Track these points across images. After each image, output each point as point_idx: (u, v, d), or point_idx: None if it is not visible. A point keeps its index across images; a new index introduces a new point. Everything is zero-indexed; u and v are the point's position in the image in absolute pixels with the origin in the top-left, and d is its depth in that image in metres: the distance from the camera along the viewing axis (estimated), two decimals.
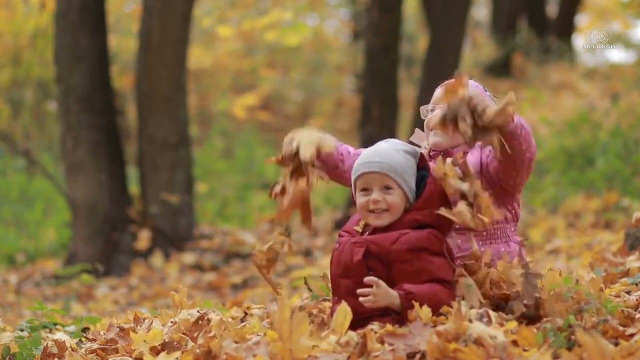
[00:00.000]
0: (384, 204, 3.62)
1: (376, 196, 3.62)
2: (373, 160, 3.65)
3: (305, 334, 3.29)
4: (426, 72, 10.21)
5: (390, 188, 3.62)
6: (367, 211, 3.65)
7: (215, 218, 11.72)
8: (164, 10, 9.31)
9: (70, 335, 4.66)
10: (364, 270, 3.58)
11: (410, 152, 3.72)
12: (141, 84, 9.57)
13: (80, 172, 9.48)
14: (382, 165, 3.63)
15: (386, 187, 3.63)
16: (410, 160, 3.70)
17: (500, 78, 18.44)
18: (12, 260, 10.93)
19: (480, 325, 3.30)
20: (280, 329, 3.27)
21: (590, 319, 3.44)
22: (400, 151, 3.69)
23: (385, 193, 3.62)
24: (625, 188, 9.04)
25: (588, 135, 10.66)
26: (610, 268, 4.77)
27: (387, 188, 3.63)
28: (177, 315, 4.26)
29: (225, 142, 15.57)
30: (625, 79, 14.82)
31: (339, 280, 3.67)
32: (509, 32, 18.62)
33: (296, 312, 3.31)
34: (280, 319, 3.28)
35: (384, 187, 3.63)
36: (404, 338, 3.35)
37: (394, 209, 3.61)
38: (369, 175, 3.65)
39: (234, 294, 8.37)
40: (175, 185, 9.52)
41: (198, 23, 15.73)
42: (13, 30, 14.01)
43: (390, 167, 3.63)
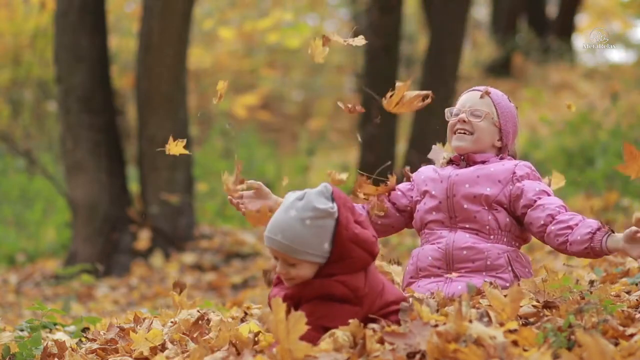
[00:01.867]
0: (289, 276, 3.52)
1: (280, 269, 3.53)
2: (274, 237, 3.49)
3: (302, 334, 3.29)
4: (426, 72, 10.21)
5: (294, 264, 3.51)
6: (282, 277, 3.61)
7: (215, 218, 11.72)
8: (164, 10, 9.31)
9: (70, 335, 4.66)
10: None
11: (322, 216, 3.47)
12: (141, 84, 9.57)
13: (80, 172, 9.49)
14: (281, 246, 3.48)
15: (289, 263, 3.52)
16: (319, 226, 3.48)
17: (500, 78, 18.45)
18: (12, 260, 10.94)
19: (480, 325, 3.30)
20: (277, 330, 3.27)
21: (590, 319, 3.44)
22: (307, 221, 3.47)
23: (289, 267, 3.51)
24: (625, 188, 9.05)
25: (588, 135, 10.67)
26: (610, 268, 4.77)
27: (290, 264, 3.51)
28: (177, 315, 4.26)
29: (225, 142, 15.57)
30: (625, 79, 14.84)
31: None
32: (509, 32, 18.63)
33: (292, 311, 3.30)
34: (276, 320, 3.27)
35: (287, 263, 3.52)
36: (404, 337, 3.35)
37: (300, 278, 3.52)
38: (272, 249, 3.53)
39: (234, 294, 8.37)
40: (175, 185, 9.52)
41: (198, 23, 15.74)
42: (13, 30, 14.01)
43: (290, 247, 3.47)
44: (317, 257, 3.49)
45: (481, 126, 4.22)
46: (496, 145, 4.26)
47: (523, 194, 4.10)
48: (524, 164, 4.21)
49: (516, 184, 4.13)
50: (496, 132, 4.24)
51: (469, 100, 4.28)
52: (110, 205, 9.48)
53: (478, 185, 4.13)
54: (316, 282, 3.50)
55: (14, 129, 13.22)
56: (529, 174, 4.17)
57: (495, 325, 3.42)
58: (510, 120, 4.27)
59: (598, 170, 9.61)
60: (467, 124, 4.22)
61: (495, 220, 4.10)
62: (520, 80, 18.20)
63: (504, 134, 4.25)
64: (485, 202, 4.10)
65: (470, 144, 4.22)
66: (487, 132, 4.23)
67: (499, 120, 4.24)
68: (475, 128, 4.22)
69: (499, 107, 4.25)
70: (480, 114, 4.22)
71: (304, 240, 3.46)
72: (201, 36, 17.58)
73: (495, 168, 4.17)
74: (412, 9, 19.29)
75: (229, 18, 18.00)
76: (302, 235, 3.46)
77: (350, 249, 3.50)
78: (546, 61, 18.51)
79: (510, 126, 4.27)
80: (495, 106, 4.25)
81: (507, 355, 3.15)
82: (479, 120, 4.22)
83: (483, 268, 4.06)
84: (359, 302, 3.51)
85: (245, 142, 15.17)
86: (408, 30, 18.66)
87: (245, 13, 18.08)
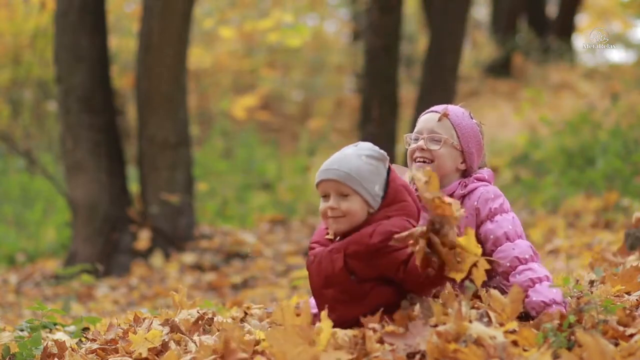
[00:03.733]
0: (339, 211, 3.63)
1: (332, 203, 3.64)
2: (330, 168, 3.66)
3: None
4: (426, 72, 10.21)
5: (347, 195, 3.62)
6: (325, 217, 3.68)
7: (215, 218, 11.72)
8: (164, 10, 9.30)
9: (70, 335, 4.66)
10: (347, 276, 3.59)
11: (376, 157, 3.69)
12: (141, 84, 9.57)
13: (80, 172, 9.49)
14: (337, 173, 3.63)
15: (342, 194, 3.63)
16: (373, 165, 3.67)
17: (500, 78, 18.46)
18: (12, 260, 10.94)
19: (480, 325, 3.30)
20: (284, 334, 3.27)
21: (590, 319, 3.44)
22: (363, 157, 3.66)
23: (342, 200, 3.63)
24: (625, 188, 9.04)
25: (588, 135, 10.66)
26: (610, 268, 4.77)
27: (343, 195, 3.63)
28: (177, 315, 4.26)
29: (225, 142, 15.57)
30: (625, 79, 14.83)
31: (322, 291, 3.67)
32: (509, 32, 18.63)
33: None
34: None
35: (340, 194, 3.63)
36: (404, 338, 3.35)
37: (350, 215, 3.61)
38: (326, 183, 3.67)
39: (234, 294, 8.37)
40: (175, 185, 9.52)
41: (198, 23, 15.74)
42: (13, 30, 14.01)
43: (345, 175, 3.62)
44: (369, 195, 3.62)
45: (441, 153, 4.01)
46: (460, 168, 4.06)
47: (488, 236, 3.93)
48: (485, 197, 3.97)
49: (482, 225, 3.95)
50: (458, 155, 4.04)
51: (427, 124, 4.06)
52: (110, 205, 9.48)
53: None
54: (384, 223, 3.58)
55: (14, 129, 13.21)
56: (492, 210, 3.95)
57: (495, 325, 3.42)
58: (472, 140, 4.06)
59: (598, 170, 9.61)
60: (426, 152, 4.02)
61: None
62: (520, 80, 18.21)
63: (467, 156, 4.05)
64: None
65: None
66: (448, 157, 4.02)
67: (460, 142, 4.04)
68: (435, 155, 4.01)
69: (459, 129, 4.04)
70: (438, 139, 4.02)
71: (360, 172, 3.62)
72: (201, 36, 17.58)
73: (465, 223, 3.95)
74: (412, 9, 19.29)
75: (229, 18, 18.00)
76: (358, 166, 3.62)
77: (403, 194, 3.64)
78: (546, 61, 18.51)
79: (474, 146, 4.06)
80: (455, 128, 4.04)
81: (507, 355, 3.15)
82: (438, 147, 4.02)
83: None
84: None
85: (245, 142, 15.17)
86: (408, 30, 18.67)
87: (245, 13, 18.08)
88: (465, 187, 4.02)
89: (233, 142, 15.56)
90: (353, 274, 3.58)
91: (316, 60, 19.69)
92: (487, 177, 4.08)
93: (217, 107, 17.23)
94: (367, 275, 3.57)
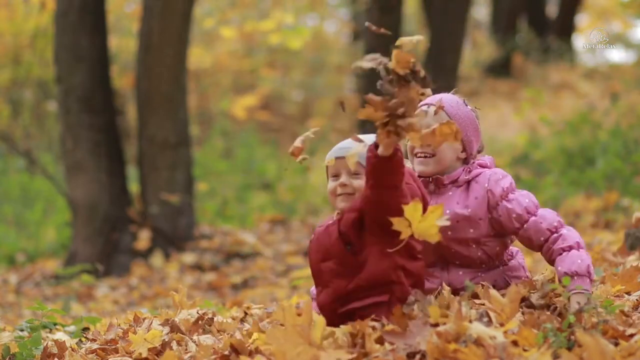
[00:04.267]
0: (350, 188, 3.73)
1: (343, 180, 3.74)
2: (342, 147, 3.79)
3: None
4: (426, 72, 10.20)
5: (358, 173, 3.72)
6: (335, 195, 3.76)
7: (215, 218, 11.72)
8: (164, 10, 9.30)
9: (70, 335, 4.66)
10: (342, 246, 3.67)
11: None
12: (141, 84, 9.57)
13: (80, 172, 9.49)
14: (349, 151, 3.70)
15: (354, 172, 3.72)
16: None
17: (500, 78, 18.45)
18: (12, 260, 10.94)
19: (480, 325, 3.30)
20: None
21: (590, 319, 3.44)
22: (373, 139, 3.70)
23: (353, 178, 3.73)
24: (625, 188, 9.04)
25: (588, 135, 10.66)
26: (610, 268, 4.77)
27: (355, 173, 3.73)
28: (177, 315, 4.26)
29: (225, 142, 15.57)
30: (625, 79, 14.83)
31: (319, 266, 3.73)
32: (509, 32, 18.63)
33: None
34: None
35: (352, 172, 3.73)
36: (404, 337, 3.35)
37: (360, 192, 3.68)
38: (338, 161, 3.76)
39: (234, 294, 8.37)
40: (175, 185, 9.52)
41: (198, 23, 15.74)
42: (13, 30, 14.01)
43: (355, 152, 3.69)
44: None
45: (441, 147, 3.99)
46: (461, 157, 4.08)
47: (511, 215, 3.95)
48: (494, 179, 4.02)
49: (499, 206, 3.97)
50: (458, 145, 4.05)
51: (425, 122, 4.00)
52: (110, 205, 9.48)
53: (461, 230, 3.98)
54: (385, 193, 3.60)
55: (14, 129, 13.21)
56: (505, 189, 3.99)
57: (495, 325, 3.42)
58: (470, 127, 4.10)
59: (598, 170, 9.61)
60: (427, 147, 4.02)
61: (485, 254, 4.00)
62: (520, 80, 18.21)
63: (467, 144, 4.08)
64: (473, 242, 3.99)
65: (433, 167, 4.05)
66: (449, 149, 4.04)
67: None
68: (436, 150, 4.03)
69: (455, 119, 4.03)
70: None
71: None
72: (201, 36, 17.58)
73: (470, 202, 3.99)
74: (412, 9, 19.29)
75: (230, 18, 18.00)
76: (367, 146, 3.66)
77: (407, 177, 3.68)
78: (546, 61, 18.52)
79: (472, 133, 4.10)
80: (451, 119, 3.97)
81: (507, 355, 3.15)
82: None
83: None
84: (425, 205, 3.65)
85: (245, 142, 15.17)
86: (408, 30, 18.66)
87: (245, 13, 18.08)
88: (469, 172, 4.06)
89: (233, 142, 15.56)
90: (349, 244, 3.64)
91: (316, 60, 19.69)
92: (489, 164, 4.13)
93: (217, 107, 17.23)
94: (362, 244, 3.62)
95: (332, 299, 3.65)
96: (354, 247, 3.65)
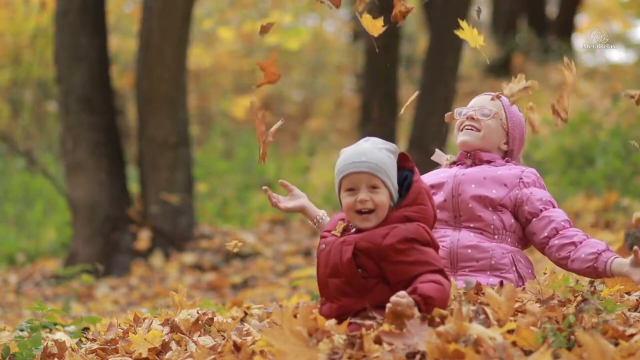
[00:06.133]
0: (371, 204, 3.61)
1: (364, 196, 3.61)
2: (359, 160, 3.64)
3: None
4: (426, 72, 10.21)
5: (377, 187, 3.62)
6: (354, 211, 3.64)
7: (215, 218, 11.72)
8: (164, 10, 9.31)
9: (70, 335, 4.66)
10: (354, 268, 3.58)
11: (392, 150, 3.72)
12: (141, 84, 9.57)
13: (80, 172, 9.49)
14: (369, 165, 3.62)
15: (373, 186, 3.63)
16: (392, 159, 3.70)
17: (500, 78, 18.43)
18: (12, 260, 10.93)
19: (480, 326, 3.30)
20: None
21: (590, 319, 3.44)
22: (383, 150, 3.68)
23: (372, 192, 3.62)
24: (625, 188, 9.05)
25: (588, 135, 10.66)
26: None
27: (374, 187, 3.63)
28: (177, 315, 4.25)
29: (225, 142, 15.57)
30: (625, 79, 14.83)
31: (327, 280, 3.66)
32: (509, 32, 18.63)
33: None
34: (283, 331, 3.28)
35: (371, 187, 3.63)
36: (402, 337, 3.34)
37: (381, 208, 3.61)
38: (356, 175, 3.63)
39: (234, 294, 8.37)
40: (175, 185, 9.52)
41: (198, 23, 15.74)
42: (13, 30, 14.01)
43: (377, 166, 3.62)
44: (393, 188, 3.64)
45: (489, 124, 4.21)
46: (502, 148, 4.25)
47: (529, 202, 4.09)
48: (531, 171, 4.19)
49: (523, 189, 4.11)
50: (503, 134, 4.24)
51: (479, 102, 4.29)
52: (110, 205, 9.48)
53: (484, 187, 4.11)
54: (400, 227, 3.57)
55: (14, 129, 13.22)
56: (534, 182, 4.15)
57: (493, 322, 3.42)
58: (518, 126, 4.28)
59: (598, 170, 9.61)
60: (475, 121, 4.22)
61: (500, 221, 4.09)
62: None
63: (511, 138, 4.25)
64: (490, 205, 4.09)
65: (476, 140, 4.21)
66: (495, 131, 4.22)
67: (507, 123, 4.24)
68: (483, 126, 4.22)
69: (508, 112, 4.26)
70: (488, 112, 4.22)
71: (385, 163, 3.64)
72: (201, 36, 17.58)
73: (502, 171, 4.15)
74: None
75: (229, 18, 18.00)
76: (382, 158, 3.64)
77: (425, 197, 3.65)
78: (546, 61, 18.51)
79: (518, 132, 4.27)
80: (505, 109, 4.26)
81: (507, 355, 3.15)
82: (487, 118, 4.21)
83: (487, 267, 4.06)
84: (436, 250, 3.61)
85: (245, 142, 15.17)
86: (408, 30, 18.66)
87: (245, 13, 18.09)
88: (506, 162, 4.22)
89: (233, 142, 15.56)
90: (360, 267, 3.58)
91: (316, 60, 19.69)
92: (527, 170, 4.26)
93: (217, 107, 17.24)
94: (374, 272, 3.56)
95: (337, 314, 3.60)
96: (366, 272, 3.57)
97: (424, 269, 3.53)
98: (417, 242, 3.56)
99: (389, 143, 3.75)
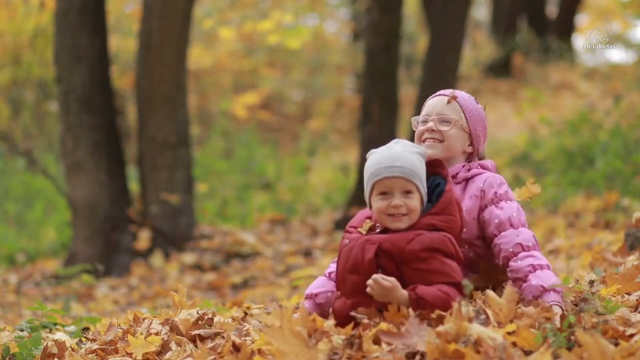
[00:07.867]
0: (404, 209, 3.65)
1: (398, 201, 3.65)
2: (394, 165, 3.67)
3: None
4: (426, 72, 10.21)
5: (411, 192, 3.66)
6: (387, 215, 3.67)
7: (215, 218, 11.72)
8: (164, 10, 9.31)
9: (70, 335, 4.66)
10: (374, 268, 3.60)
11: (422, 154, 3.76)
12: (141, 84, 9.57)
13: (80, 172, 9.48)
14: (404, 171, 3.65)
15: (407, 191, 3.66)
16: (422, 162, 3.74)
17: (500, 78, 18.46)
18: (12, 260, 10.93)
19: (480, 326, 3.30)
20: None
21: (590, 319, 3.44)
22: (415, 154, 3.72)
23: (406, 197, 3.65)
24: (625, 188, 9.04)
25: (588, 135, 10.66)
26: (610, 268, 4.76)
27: (408, 192, 3.66)
28: (177, 315, 4.25)
29: (225, 142, 15.57)
30: (626, 79, 14.83)
31: (346, 276, 3.68)
32: (509, 32, 18.64)
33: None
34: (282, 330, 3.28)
35: (405, 192, 3.66)
36: (402, 337, 3.34)
37: (414, 213, 3.65)
38: (391, 180, 3.67)
39: (234, 294, 8.37)
40: (175, 185, 9.52)
41: (198, 23, 15.74)
42: (13, 30, 14.01)
43: (411, 171, 3.66)
44: (424, 192, 3.69)
45: (451, 134, 4.06)
46: (467, 150, 4.12)
47: (488, 225, 3.96)
48: (491, 182, 4.02)
49: (487, 208, 3.97)
50: (466, 137, 4.10)
51: (436, 107, 4.12)
52: (110, 205, 9.48)
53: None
54: (426, 235, 3.59)
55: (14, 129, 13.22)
56: (498, 195, 3.98)
57: (493, 323, 3.42)
58: (479, 123, 4.13)
59: (598, 170, 9.60)
60: (437, 133, 4.06)
61: (477, 255, 4.01)
62: (520, 80, 18.21)
63: (475, 139, 4.11)
64: (465, 242, 3.98)
65: (441, 152, 4.05)
66: (457, 138, 4.07)
67: (468, 125, 4.10)
68: (445, 136, 4.06)
69: (467, 112, 4.11)
70: (448, 121, 4.07)
71: (418, 168, 3.68)
72: (201, 36, 17.58)
73: (466, 206, 3.97)
74: (412, 9, 19.28)
75: (229, 18, 18.00)
76: (415, 162, 3.68)
77: (454, 207, 3.68)
78: (546, 61, 18.53)
79: (480, 129, 4.13)
80: (463, 111, 4.10)
81: (507, 356, 3.15)
82: (448, 128, 4.07)
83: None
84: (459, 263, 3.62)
85: (245, 142, 15.18)
86: (408, 30, 18.67)
87: (245, 13, 18.08)
88: (468, 170, 4.06)
89: (233, 142, 15.56)
90: (380, 268, 3.59)
91: (316, 60, 19.70)
92: (490, 167, 4.13)
93: (217, 107, 17.24)
94: (393, 274, 3.58)
95: (351, 309, 3.61)
96: (385, 274, 3.56)
97: (441, 279, 3.56)
98: (441, 252, 3.59)
99: (418, 146, 3.80)
